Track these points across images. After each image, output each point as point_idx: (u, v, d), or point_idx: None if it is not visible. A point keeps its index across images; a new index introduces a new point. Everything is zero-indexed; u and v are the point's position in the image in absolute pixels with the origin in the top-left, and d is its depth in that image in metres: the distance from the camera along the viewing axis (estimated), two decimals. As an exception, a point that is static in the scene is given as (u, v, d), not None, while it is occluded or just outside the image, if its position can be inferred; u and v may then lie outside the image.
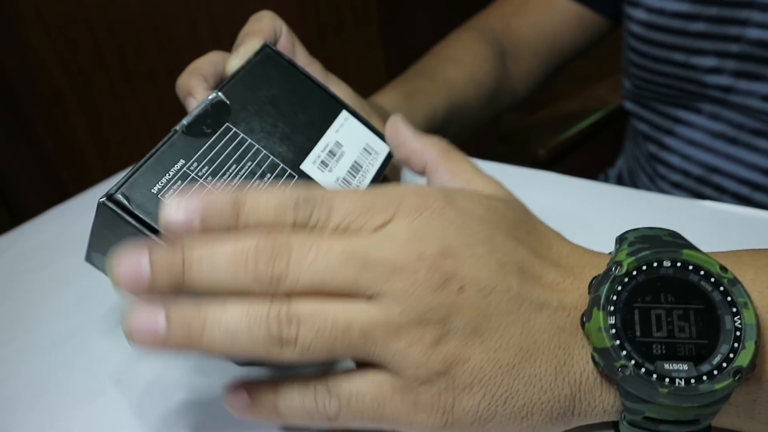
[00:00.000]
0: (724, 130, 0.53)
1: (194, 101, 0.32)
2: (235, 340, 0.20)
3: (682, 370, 0.20)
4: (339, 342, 0.21)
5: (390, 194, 0.23)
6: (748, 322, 0.21)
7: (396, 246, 0.21)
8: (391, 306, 0.21)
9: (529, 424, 0.22)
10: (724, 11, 0.47)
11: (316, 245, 0.21)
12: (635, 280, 0.22)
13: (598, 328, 0.21)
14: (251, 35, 0.34)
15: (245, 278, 0.21)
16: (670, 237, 0.23)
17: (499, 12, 0.63)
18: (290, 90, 0.32)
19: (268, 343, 0.21)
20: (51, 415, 0.29)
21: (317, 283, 0.21)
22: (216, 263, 0.21)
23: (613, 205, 0.40)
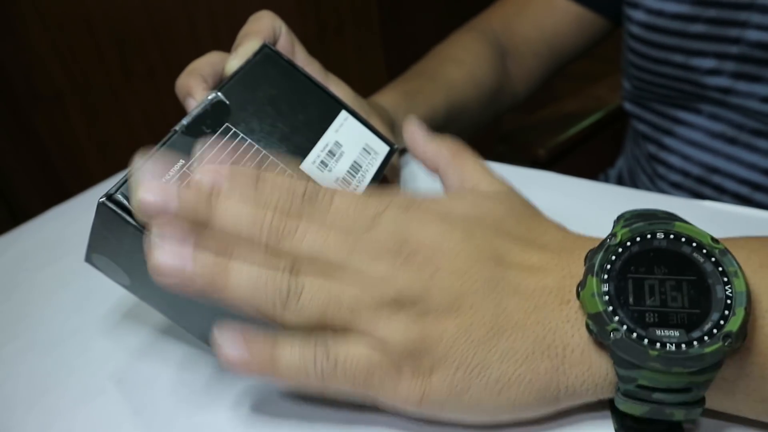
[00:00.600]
0: (723, 130, 0.53)
1: (193, 102, 0.32)
2: (251, 290, 0.23)
3: (673, 336, 0.21)
4: (331, 310, 0.23)
5: (383, 194, 0.26)
6: (738, 289, 0.21)
7: (383, 233, 0.24)
8: (374, 285, 0.23)
9: (507, 398, 0.23)
10: (724, 13, 0.47)
11: (319, 225, 0.24)
12: (629, 251, 0.23)
13: (591, 293, 0.22)
14: (250, 35, 0.34)
15: (260, 233, 0.23)
16: (665, 214, 0.24)
17: (500, 13, 0.64)
18: (289, 90, 0.32)
19: (275, 300, 0.23)
20: (51, 415, 0.29)
21: (317, 251, 0.23)
22: (239, 212, 0.23)
23: (613, 205, 0.39)
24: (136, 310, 0.35)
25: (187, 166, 0.26)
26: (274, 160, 0.29)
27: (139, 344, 0.33)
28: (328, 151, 0.31)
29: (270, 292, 0.23)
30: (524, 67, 0.63)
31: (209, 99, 0.29)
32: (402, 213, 0.25)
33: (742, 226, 0.36)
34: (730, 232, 0.36)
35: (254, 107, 0.30)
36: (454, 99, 0.54)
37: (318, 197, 0.25)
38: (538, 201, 0.42)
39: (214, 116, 0.28)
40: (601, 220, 0.38)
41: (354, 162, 0.32)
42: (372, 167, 0.32)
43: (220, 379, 0.30)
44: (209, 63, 0.34)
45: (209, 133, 0.28)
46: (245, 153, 0.28)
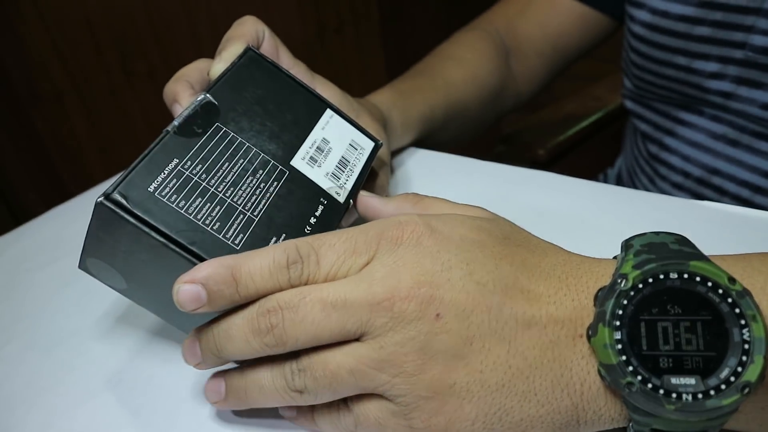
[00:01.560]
0: (725, 131, 0.53)
1: (179, 107, 0.33)
2: (268, 395, 0.24)
3: (689, 385, 0.20)
4: (337, 383, 0.23)
5: (370, 233, 0.24)
6: (757, 335, 0.20)
7: (373, 284, 0.23)
8: (374, 342, 0.22)
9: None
10: (730, 16, 0.47)
11: (302, 304, 0.23)
12: (641, 293, 0.21)
13: (603, 344, 0.21)
14: (233, 39, 0.34)
15: (259, 346, 0.24)
16: (677, 245, 0.23)
17: (503, 12, 0.63)
18: (275, 90, 0.33)
19: (289, 394, 0.24)
20: (51, 414, 0.29)
21: (313, 338, 0.23)
22: (233, 336, 0.24)
23: (613, 205, 0.40)
24: (136, 310, 0.35)
25: (180, 165, 0.26)
26: (265, 157, 0.29)
27: (138, 344, 0.33)
28: (316, 148, 0.32)
29: (281, 389, 0.24)
30: (528, 67, 0.63)
31: (199, 100, 0.29)
32: (391, 254, 0.23)
33: (742, 226, 0.36)
34: (730, 232, 0.36)
35: (243, 107, 0.31)
36: (454, 98, 0.53)
37: (304, 260, 0.24)
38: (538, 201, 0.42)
39: (204, 117, 0.29)
40: (600, 220, 0.38)
41: (342, 157, 0.33)
42: (359, 162, 0.33)
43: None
44: (197, 69, 0.35)
45: (200, 133, 0.28)
46: (237, 151, 0.29)
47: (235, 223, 0.26)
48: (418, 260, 0.23)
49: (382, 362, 0.22)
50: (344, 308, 0.22)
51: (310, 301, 0.23)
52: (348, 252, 0.24)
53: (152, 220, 0.24)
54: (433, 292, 0.22)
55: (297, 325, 0.23)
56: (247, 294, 0.24)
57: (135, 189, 0.25)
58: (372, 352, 0.22)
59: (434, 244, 0.24)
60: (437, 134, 0.53)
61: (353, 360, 0.23)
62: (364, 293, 0.22)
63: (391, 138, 0.45)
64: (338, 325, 0.23)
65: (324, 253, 0.24)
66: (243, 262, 0.24)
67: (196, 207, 0.26)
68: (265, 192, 0.28)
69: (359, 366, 0.23)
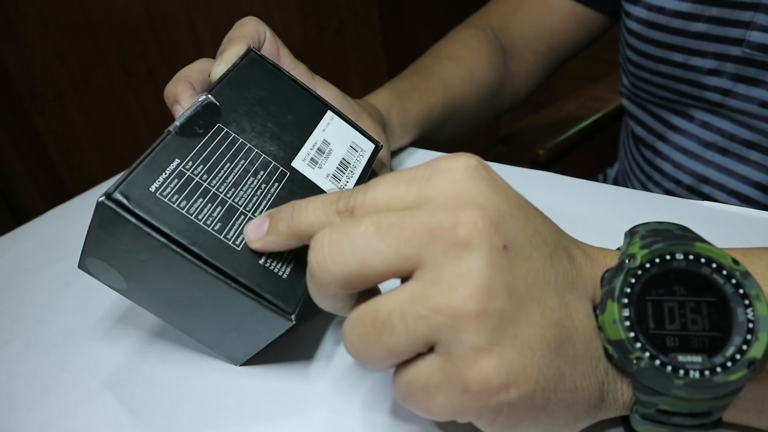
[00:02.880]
0: (715, 139, 0.52)
1: (180, 108, 0.32)
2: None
3: (696, 362, 0.20)
4: (387, 335, 0.20)
5: (418, 166, 0.22)
6: (760, 313, 0.21)
7: (434, 209, 0.20)
8: (431, 273, 0.20)
9: (574, 415, 0.21)
10: (727, 12, 0.46)
11: (354, 225, 0.21)
12: (648, 273, 0.22)
13: (612, 320, 0.21)
14: (235, 41, 0.34)
15: (312, 273, 0.22)
16: (680, 231, 0.24)
17: (496, 11, 0.63)
18: (276, 92, 0.33)
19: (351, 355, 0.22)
20: (51, 414, 0.29)
21: (362, 261, 0.20)
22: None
23: (613, 205, 0.40)
24: (136, 310, 0.35)
25: (182, 166, 0.26)
26: (266, 158, 0.29)
27: (139, 344, 0.33)
28: (317, 149, 0.32)
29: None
30: (524, 65, 0.62)
31: (200, 101, 0.29)
32: (450, 182, 0.21)
33: (742, 226, 0.36)
34: (730, 232, 0.36)
35: (244, 108, 0.31)
36: (451, 97, 0.53)
37: (356, 192, 0.22)
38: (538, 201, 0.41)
39: (206, 117, 0.29)
40: (600, 220, 0.38)
41: (342, 159, 0.33)
42: (360, 164, 0.34)
43: (220, 380, 0.30)
44: (197, 70, 0.35)
45: (202, 134, 0.28)
46: (238, 152, 0.29)
47: (236, 224, 0.26)
48: (480, 188, 0.21)
49: (440, 298, 0.19)
50: (400, 230, 0.20)
51: (364, 222, 0.20)
52: (403, 182, 0.22)
53: (153, 220, 0.24)
54: (500, 221, 0.20)
55: (345, 247, 0.20)
56: (298, 223, 0.23)
57: (136, 189, 0.25)
58: (430, 287, 0.19)
59: (492, 177, 0.22)
60: (436, 133, 0.53)
61: (407, 301, 0.19)
62: (424, 216, 0.20)
63: (391, 139, 0.45)
64: (392, 248, 0.20)
65: (373, 185, 0.22)
66: (298, 200, 0.24)
67: (198, 207, 0.26)
68: (266, 193, 0.28)
69: (413, 307, 0.19)
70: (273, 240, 0.25)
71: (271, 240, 0.25)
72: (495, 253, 0.20)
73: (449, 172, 0.21)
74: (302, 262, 0.27)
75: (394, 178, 0.22)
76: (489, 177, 0.22)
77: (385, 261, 0.20)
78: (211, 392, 0.29)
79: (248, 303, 0.26)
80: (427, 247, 0.20)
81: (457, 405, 0.20)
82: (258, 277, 0.26)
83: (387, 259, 0.20)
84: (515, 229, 0.21)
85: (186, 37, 1.29)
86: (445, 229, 0.20)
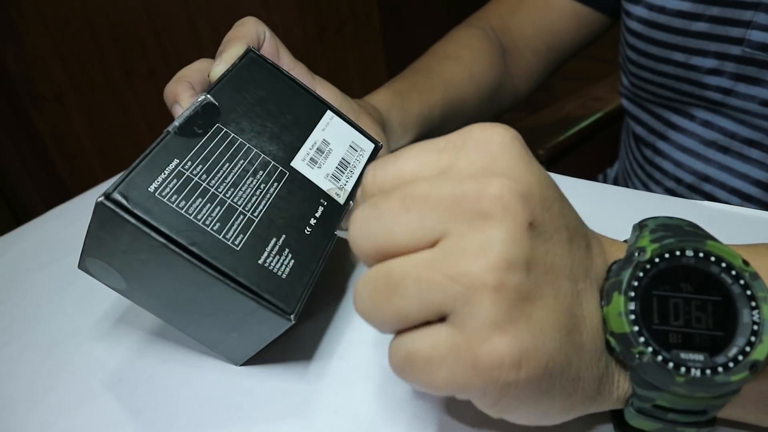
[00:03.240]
0: (716, 138, 0.52)
1: (180, 108, 0.32)
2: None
3: (697, 360, 0.20)
4: (399, 297, 0.19)
5: (450, 135, 0.22)
6: (766, 316, 0.21)
7: (460, 180, 0.20)
8: (452, 242, 0.19)
9: (570, 404, 0.21)
10: (727, 11, 0.47)
11: (383, 198, 0.21)
12: (657, 267, 0.21)
13: (618, 312, 0.21)
14: (234, 41, 0.34)
15: (353, 244, 0.21)
16: (691, 227, 0.23)
17: (496, 11, 0.63)
18: (276, 92, 0.33)
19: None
20: (51, 414, 0.29)
21: (387, 232, 0.20)
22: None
23: (613, 205, 0.40)
24: (136, 310, 0.35)
25: (181, 166, 0.26)
26: (265, 158, 0.29)
27: (139, 344, 0.33)
28: (317, 149, 0.32)
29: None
30: (524, 65, 0.62)
31: (199, 101, 0.29)
32: (479, 152, 0.21)
33: (742, 226, 0.36)
34: (730, 231, 0.36)
35: (244, 108, 0.31)
36: (451, 97, 0.53)
37: (384, 163, 0.22)
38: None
39: (205, 117, 0.29)
40: (600, 220, 0.38)
41: (342, 159, 0.33)
42: (359, 164, 0.33)
43: (220, 380, 0.30)
44: (197, 70, 0.35)
45: (201, 134, 0.28)
46: (237, 152, 0.29)
47: (235, 224, 0.26)
48: (512, 162, 0.20)
49: (459, 268, 0.19)
50: (425, 202, 0.20)
51: (392, 197, 0.20)
52: (434, 151, 0.21)
53: (152, 221, 0.24)
54: (528, 197, 0.19)
55: (372, 221, 0.20)
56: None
57: (135, 189, 0.25)
58: (450, 256, 0.19)
59: (528, 154, 0.21)
60: (435, 134, 0.53)
61: (425, 267, 0.19)
62: (449, 188, 0.19)
63: (390, 139, 0.45)
64: (417, 219, 0.20)
65: (407, 154, 0.22)
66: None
67: (197, 207, 0.26)
68: (266, 193, 0.28)
69: (431, 273, 0.19)
70: None
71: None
72: (519, 229, 0.19)
73: (483, 143, 0.21)
74: (302, 261, 0.27)
75: (426, 147, 0.22)
76: (523, 152, 0.21)
77: (410, 232, 0.20)
78: (211, 392, 0.29)
79: (247, 303, 0.26)
80: (451, 217, 0.19)
81: (462, 380, 0.19)
82: (257, 277, 0.26)
83: (411, 230, 0.20)
84: (542, 209, 0.20)
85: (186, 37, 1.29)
86: (471, 199, 0.19)
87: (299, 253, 0.28)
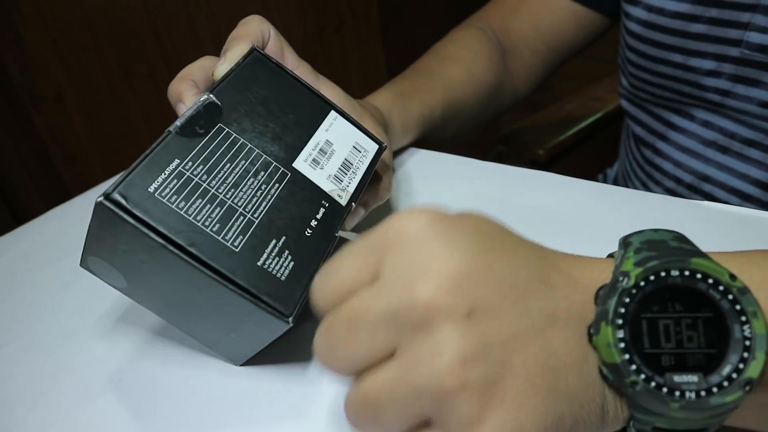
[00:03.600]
0: (716, 138, 0.53)
1: (184, 107, 0.32)
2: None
3: (691, 383, 0.20)
4: (379, 415, 0.20)
5: (373, 235, 0.22)
6: (758, 331, 0.20)
7: (390, 292, 0.20)
8: (406, 358, 0.20)
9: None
10: (726, 13, 0.47)
11: (332, 328, 0.21)
12: (643, 291, 0.21)
13: (607, 343, 0.21)
14: (238, 39, 0.34)
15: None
16: (676, 242, 0.23)
17: (496, 11, 0.63)
18: (279, 91, 0.33)
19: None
20: (51, 414, 0.29)
21: (350, 360, 0.21)
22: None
23: (613, 205, 0.40)
24: (136, 310, 0.35)
25: (181, 166, 0.26)
26: (267, 159, 0.29)
27: (139, 344, 0.33)
28: (319, 150, 0.32)
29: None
30: (523, 65, 0.62)
31: (202, 100, 0.29)
32: (401, 251, 0.21)
33: (742, 226, 0.36)
34: (730, 231, 0.36)
35: (246, 108, 0.30)
36: (452, 97, 0.53)
37: (324, 284, 0.22)
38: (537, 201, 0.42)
39: (207, 117, 0.29)
40: (600, 220, 0.38)
41: (345, 160, 0.33)
42: (362, 165, 0.33)
43: (220, 380, 0.30)
44: (201, 68, 0.34)
45: (203, 134, 0.28)
46: (239, 152, 0.29)
47: (234, 225, 0.26)
48: (433, 252, 0.20)
49: (420, 382, 0.19)
50: (366, 325, 0.20)
51: (338, 321, 0.21)
52: (361, 256, 0.22)
53: (151, 221, 0.24)
54: (458, 288, 0.20)
55: (333, 351, 0.21)
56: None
57: (135, 189, 0.25)
58: (408, 371, 0.19)
59: (448, 232, 0.21)
60: (436, 134, 0.53)
61: (391, 385, 0.20)
62: (382, 304, 0.20)
63: (392, 140, 0.45)
64: (366, 343, 0.20)
65: (338, 268, 0.22)
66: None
67: (196, 208, 0.26)
68: (266, 194, 0.28)
69: (398, 391, 0.20)
70: None
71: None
72: (461, 323, 0.19)
73: (402, 239, 0.21)
74: (301, 263, 0.27)
75: (356, 251, 0.22)
76: (443, 233, 0.21)
77: (367, 352, 0.21)
78: (211, 392, 0.29)
79: (245, 305, 0.26)
80: (395, 331, 0.20)
81: None
82: (256, 278, 0.26)
83: (367, 350, 0.21)
84: (478, 286, 0.20)
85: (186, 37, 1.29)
86: (405, 313, 0.20)
87: (299, 254, 0.28)
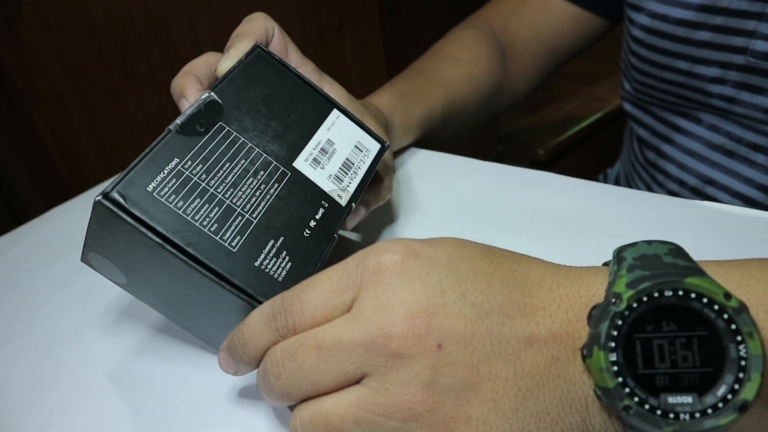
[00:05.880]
0: (723, 142, 0.52)
1: (186, 102, 0.32)
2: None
3: (686, 404, 0.20)
4: (360, 428, 0.21)
5: (350, 265, 0.23)
6: (753, 352, 0.20)
7: (365, 322, 0.21)
8: (376, 384, 0.21)
9: None
10: (730, 21, 0.46)
11: (300, 351, 0.22)
12: (636, 312, 0.21)
13: (599, 368, 0.21)
14: (242, 36, 0.34)
15: (273, 399, 0.23)
16: (671, 257, 0.22)
17: (496, 12, 0.63)
18: (282, 89, 0.32)
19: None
20: (51, 414, 0.29)
21: (313, 384, 0.22)
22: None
23: (613, 206, 0.40)
24: (136, 309, 0.35)
25: (181, 165, 0.26)
26: (267, 158, 0.29)
27: (139, 344, 0.33)
28: (320, 149, 0.32)
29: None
30: (522, 66, 0.62)
31: (202, 98, 0.29)
32: (377, 286, 0.22)
33: (742, 226, 0.36)
34: (730, 232, 0.36)
35: (247, 106, 0.30)
36: (452, 98, 0.53)
37: (287, 311, 0.23)
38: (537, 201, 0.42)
39: (207, 115, 0.29)
40: (600, 220, 0.38)
41: (346, 159, 0.32)
42: (364, 164, 0.33)
43: (220, 380, 0.30)
44: (205, 64, 0.34)
45: (203, 132, 0.28)
46: (239, 151, 0.29)
47: (233, 225, 0.26)
48: (408, 287, 0.21)
49: (389, 406, 0.21)
50: (339, 351, 0.21)
51: (307, 347, 0.22)
52: (331, 291, 0.23)
53: (149, 220, 0.24)
54: (430, 321, 0.21)
55: (296, 373, 0.22)
56: (251, 354, 0.24)
57: (134, 188, 0.25)
58: (377, 396, 0.21)
59: (422, 267, 0.22)
60: (436, 134, 0.53)
61: (358, 408, 0.21)
62: (357, 333, 0.21)
63: (392, 140, 0.45)
64: (336, 368, 0.21)
65: (306, 297, 0.23)
66: (242, 324, 0.24)
67: (195, 208, 0.26)
68: (265, 194, 0.28)
69: (365, 414, 0.21)
70: (245, 369, 0.25)
71: (244, 370, 0.25)
72: (430, 356, 0.21)
73: (378, 274, 0.22)
74: (299, 264, 0.27)
75: (328, 288, 0.23)
76: (416, 269, 0.22)
77: (334, 379, 0.21)
78: (211, 392, 0.29)
79: (243, 305, 0.26)
80: (367, 360, 0.21)
81: None
82: (253, 279, 0.26)
83: (334, 377, 0.21)
84: (449, 318, 0.21)
85: (186, 37, 1.29)
86: (380, 344, 0.21)
87: (297, 255, 0.27)
